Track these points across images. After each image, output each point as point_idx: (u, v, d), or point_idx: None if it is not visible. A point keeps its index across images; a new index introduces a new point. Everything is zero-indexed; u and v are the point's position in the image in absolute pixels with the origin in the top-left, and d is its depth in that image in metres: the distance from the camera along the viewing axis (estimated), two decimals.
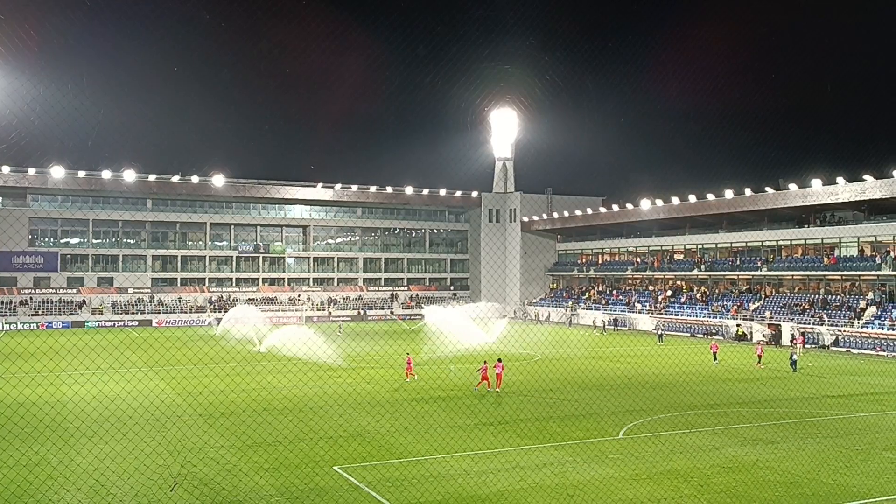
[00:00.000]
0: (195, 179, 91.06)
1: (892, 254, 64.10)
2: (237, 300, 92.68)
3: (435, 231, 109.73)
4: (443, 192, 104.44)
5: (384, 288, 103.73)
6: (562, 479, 20.71)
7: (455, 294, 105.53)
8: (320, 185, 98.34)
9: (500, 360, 36.65)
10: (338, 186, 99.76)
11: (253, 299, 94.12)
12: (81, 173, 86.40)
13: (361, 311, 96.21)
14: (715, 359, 48.21)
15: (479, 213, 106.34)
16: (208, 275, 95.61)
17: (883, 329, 58.33)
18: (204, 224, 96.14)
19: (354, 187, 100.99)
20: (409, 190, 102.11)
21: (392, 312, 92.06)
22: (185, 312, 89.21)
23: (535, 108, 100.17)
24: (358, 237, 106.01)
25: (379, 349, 55.55)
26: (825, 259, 69.29)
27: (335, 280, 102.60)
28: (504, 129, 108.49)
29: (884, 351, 55.50)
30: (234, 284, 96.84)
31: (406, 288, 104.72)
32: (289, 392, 35.40)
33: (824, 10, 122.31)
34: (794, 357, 45.07)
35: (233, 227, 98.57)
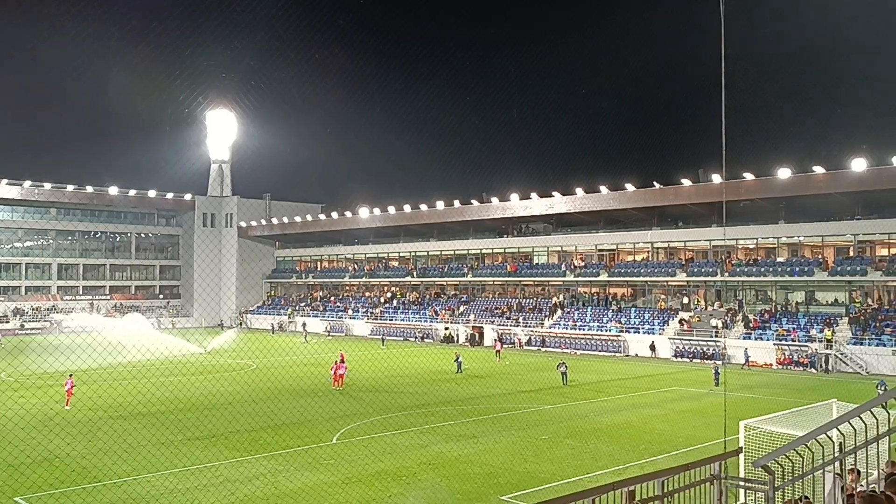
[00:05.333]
0: None
1: (574, 262, 72.57)
2: None
3: (143, 235, 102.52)
4: (152, 193, 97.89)
5: (83, 297, 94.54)
6: (273, 489, 20.44)
7: (168, 303, 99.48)
8: (4, 181, 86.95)
9: (342, 361, 39.96)
10: (27, 184, 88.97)
11: None
12: None
13: (51, 322, 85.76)
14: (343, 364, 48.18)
15: (192, 216, 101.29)
16: None
17: (567, 329, 65.71)
18: None
19: (47, 185, 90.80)
20: (113, 190, 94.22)
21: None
22: None
23: (253, 112, 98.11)
24: (51, 241, 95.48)
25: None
26: (507, 266, 76.64)
27: (23, 288, 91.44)
28: (221, 130, 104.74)
29: (567, 349, 62.44)
30: None
31: (108, 297, 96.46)
32: None
33: (520, 40, 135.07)
34: (460, 359, 48.16)
35: None
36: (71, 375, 35.71)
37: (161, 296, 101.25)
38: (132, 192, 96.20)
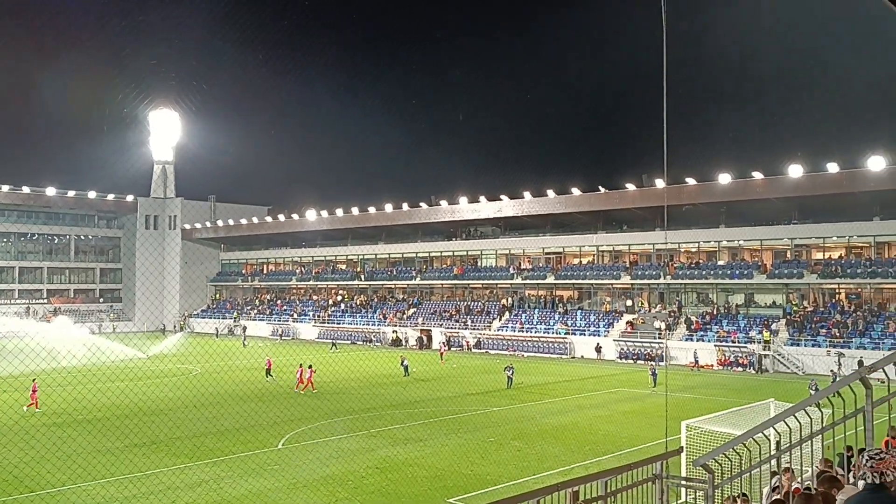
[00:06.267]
0: None
1: (522, 264, 73.17)
2: None
3: (82, 237, 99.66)
4: (92, 194, 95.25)
5: (18, 301, 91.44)
6: (217, 495, 20.10)
7: (112, 306, 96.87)
8: None
9: (311, 367, 40.72)
10: None
11: None
12: None
13: None
14: (268, 374, 45.79)
15: (134, 218, 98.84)
16: None
17: (514, 331, 66.16)
18: None
19: None
20: (50, 191, 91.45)
21: None
22: None
23: (197, 112, 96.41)
24: None
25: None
26: (455, 269, 76.92)
27: None
28: (165, 130, 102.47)
29: (515, 351, 62.83)
30: None
31: (46, 301, 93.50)
32: None
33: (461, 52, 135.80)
34: (406, 363, 48.20)
35: None
36: (35, 380, 34.94)
37: (102, 299, 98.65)
38: (71, 194, 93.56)
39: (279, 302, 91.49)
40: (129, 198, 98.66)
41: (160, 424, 29.79)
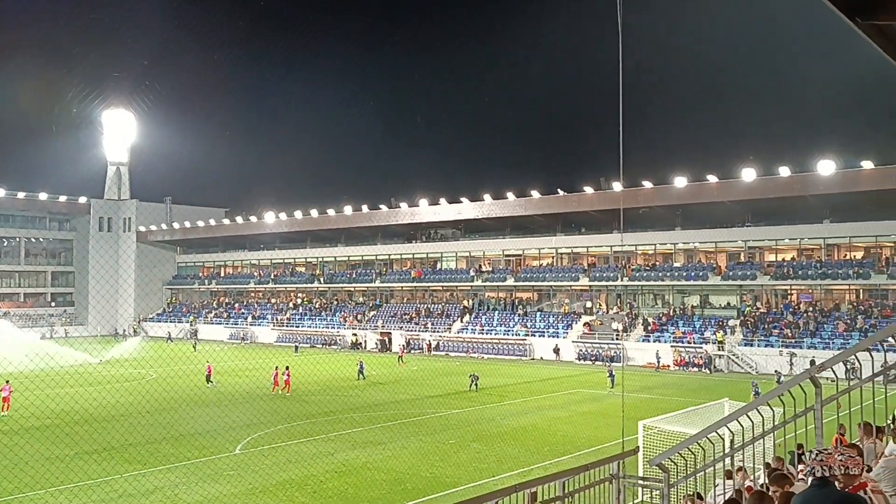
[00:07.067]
0: None
1: (482, 266, 73.38)
2: None
3: (33, 240, 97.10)
4: (43, 196, 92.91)
5: None
6: (172, 502, 19.75)
7: (65, 310, 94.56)
8: None
9: (287, 369, 40.22)
10: None
11: None
12: None
13: None
14: (209, 381, 44.91)
15: (87, 221, 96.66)
16: None
17: (474, 333, 66.31)
18: None
19: None
20: None
21: None
22: None
23: (153, 112, 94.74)
24: None
25: None
26: (412, 272, 76.84)
27: None
28: (118, 131, 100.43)
29: (475, 353, 62.92)
30: None
31: None
32: None
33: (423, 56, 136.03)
34: (362, 366, 48.03)
35: None
36: (8, 382, 34.20)
37: (53, 303, 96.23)
38: (21, 195, 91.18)
39: (237, 305, 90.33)
40: (82, 199, 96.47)
41: (113, 431, 29.14)
